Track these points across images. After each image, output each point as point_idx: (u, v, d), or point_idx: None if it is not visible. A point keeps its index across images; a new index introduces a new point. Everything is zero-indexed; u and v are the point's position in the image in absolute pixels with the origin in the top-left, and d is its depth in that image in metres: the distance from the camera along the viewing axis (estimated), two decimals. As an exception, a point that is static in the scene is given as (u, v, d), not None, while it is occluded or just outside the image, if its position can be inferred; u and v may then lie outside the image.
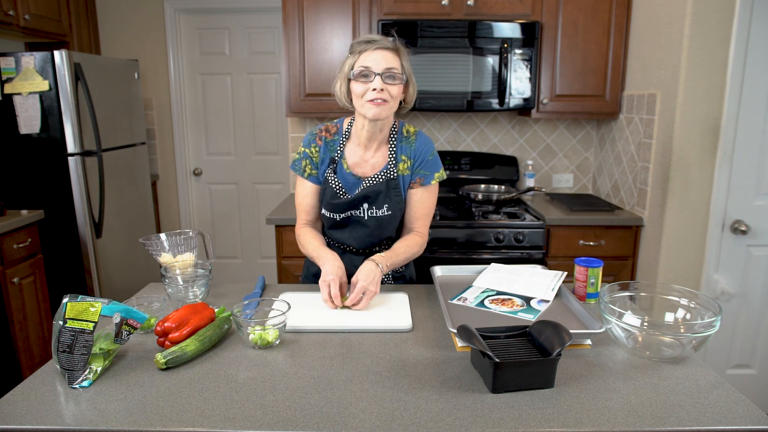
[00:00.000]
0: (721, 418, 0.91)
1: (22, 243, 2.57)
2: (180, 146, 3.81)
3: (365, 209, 1.55)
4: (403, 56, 1.48)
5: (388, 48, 1.45)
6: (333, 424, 0.89)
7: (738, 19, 2.10)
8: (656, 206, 2.38)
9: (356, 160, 1.58)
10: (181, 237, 1.57)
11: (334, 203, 1.55)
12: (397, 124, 1.60)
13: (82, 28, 3.42)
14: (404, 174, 1.57)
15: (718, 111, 2.19)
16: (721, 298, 2.33)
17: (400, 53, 1.48)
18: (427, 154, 1.57)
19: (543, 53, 2.66)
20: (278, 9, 3.54)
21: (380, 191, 1.53)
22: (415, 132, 1.60)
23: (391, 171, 1.55)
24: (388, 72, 1.43)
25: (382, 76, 1.42)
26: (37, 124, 2.67)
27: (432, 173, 1.58)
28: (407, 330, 1.26)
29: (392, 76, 1.44)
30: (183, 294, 1.41)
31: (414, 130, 1.60)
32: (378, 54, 1.43)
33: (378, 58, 1.43)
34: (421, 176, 1.57)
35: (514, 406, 0.94)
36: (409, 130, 1.60)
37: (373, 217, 1.56)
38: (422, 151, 1.57)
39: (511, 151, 3.12)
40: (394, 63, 1.45)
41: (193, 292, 1.42)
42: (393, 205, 1.55)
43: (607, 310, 1.16)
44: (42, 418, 0.91)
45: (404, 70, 1.48)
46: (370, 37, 1.47)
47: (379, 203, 1.54)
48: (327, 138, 1.60)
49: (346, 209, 1.56)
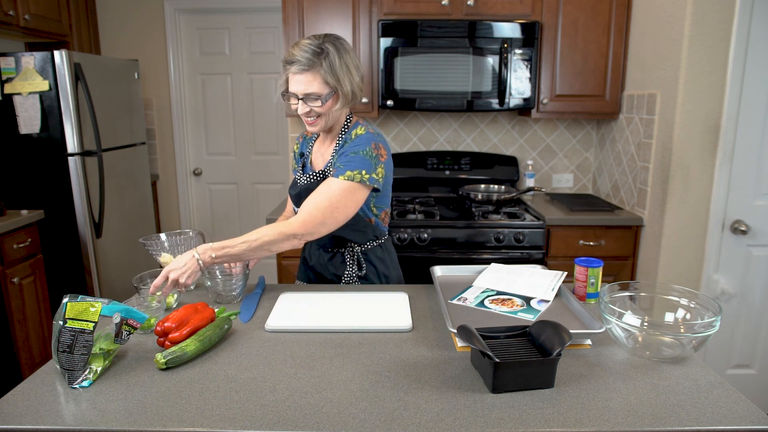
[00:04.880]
0: (721, 418, 0.91)
1: (22, 243, 2.57)
2: (180, 146, 3.81)
3: None
4: (325, 67, 1.41)
5: (303, 70, 1.40)
6: (333, 424, 0.89)
7: (738, 19, 2.10)
8: (656, 206, 2.38)
9: (316, 156, 1.65)
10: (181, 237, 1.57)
11: (291, 194, 1.65)
12: (352, 123, 1.58)
13: (82, 28, 3.42)
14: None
15: (718, 111, 2.19)
16: (721, 298, 2.33)
17: (321, 66, 1.40)
18: (351, 150, 1.48)
19: (543, 53, 2.66)
20: (278, 9, 3.54)
21: (311, 189, 1.52)
22: (361, 134, 1.51)
23: (329, 169, 1.55)
24: (309, 96, 1.43)
25: (304, 100, 1.44)
26: (37, 124, 2.67)
27: (345, 168, 1.44)
28: (407, 330, 1.26)
29: (314, 98, 1.43)
30: (221, 288, 1.42)
31: (363, 132, 1.52)
32: (296, 78, 1.42)
33: (297, 82, 1.42)
34: (335, 167, 1.48)
35: (514, 406, 0.94)
36: (358, 132, 1.52)
37: None
38: (351, 146, 1.49)
39: (511, 151, 3.12)
40: (312, 85, 1.41)
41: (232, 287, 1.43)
42: None
43: (607, 310, 1.16)
44: (42, 418, 0.91)
45: (328, 82, 1.42)
46: (290, 56, 1.41)
47: None
48: (307, 136, 1.72)
49: (296, 203, 1.62)
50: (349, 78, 1.46)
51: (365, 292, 1.49)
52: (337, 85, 1.44)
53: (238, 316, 1.34)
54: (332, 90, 1.44)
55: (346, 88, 1.46)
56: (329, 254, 1.66)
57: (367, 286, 1.58)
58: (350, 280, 1.64)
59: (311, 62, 1.40)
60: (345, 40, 1.49)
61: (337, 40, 1.46)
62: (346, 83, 1.45)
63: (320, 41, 1.43)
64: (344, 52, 1.45)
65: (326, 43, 1.43)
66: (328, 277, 1.67)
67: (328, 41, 1.44)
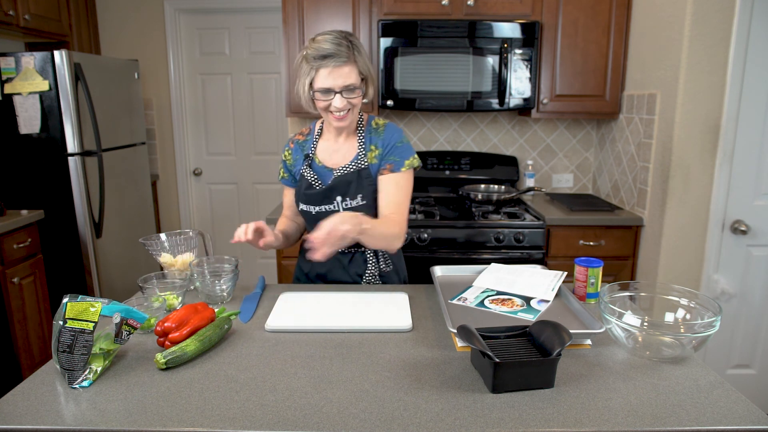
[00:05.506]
0: (721, 418, 0.91)
1: (22, 243, 2.57)
2: (180, 146, 3.81)
3: (339, 202, 1.56)
4: (358, 57, 1.45)
5: (343, 62, 1.42)
6: (333, 424, 0.89)
7: (738, 19, 2.10)
8: (656, 206, 2.38)
9: (327, 153, 1.62)
10: (181, 237, 1.57)
11: (308, 194, 1.58)
12: (365, 117, 1.61)
13: (82, 28, 3.42)
14: (374, 163, 1.57)
15: (718, 111, 2.19)
16: (721, 298, 2.33)
17: (355, 57, 1.45)
18: (395, 141, 1.57)
19: (543, 53, 2.66)
20: (278, 9, 3.54)
21: (351, 181, 1.54)
22: (384, 123, 1.60)
23: (361, 161, 1.56)
24: (347, 88, 1.44)
25: (341, 93, 1.44)
26: (37, 124, 2.67)
27: (402, 159, 1.55)
28: (407, 330, 1.26)
29: (351, 90, 1.45)
30: (210, 288, 1.41)
31: (383, 122, 1.60)
32: (335, 72, 1.42)
33: (336, 76, 1.42)
34: (390, 162, 1.55)
35: (514, 406, 0.94)
36: (378, 123, 1.60)
37: (347, 209, 1.55)
38: (390, 138, 1.57)
39: (511, 151, 3.12)
40: (351, 75, 1.44)
41: (220, 287, 1.42)
42: (367, 195, 1.55)
43: (607, 310, 1.16)
44: (42, 418, 0.91)
45: (362, 72, 1.47)
46: (323, 50, 1.41)
47: (352, 193, 1.54)
48: (300, 140, 1.67)
49: (320, 202, 1.57)
50: (372, 74, 1.52)
51: (365, 292, 1.49)
52: (368, 74, 1.49)
53: (238, 316, 1.34)
54: (363, 80, 1.49)
55: (373, 77, 1.53)
56: (348, 255, 1.64)
57: (367, 286, 1.58)
58: (371, 279, 1.64)
59: (348, 54, 1.43)
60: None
61: (350, 33, 1.50)
62: (372, 72, 1.52)
63: (344, 35, 1.46)
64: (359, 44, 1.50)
65: (349, 37, 1.47)
66: (348, 280, 1.65)
67: (347, 34, 1.47)
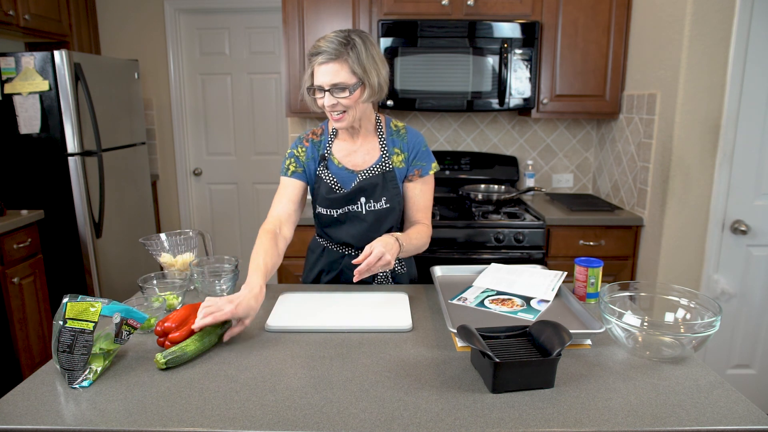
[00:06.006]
0: (721, 418, 0.91)
1: (22, 243, 2.57)
2: (180, 146, 3.81)
3: (362, 203, 1.54)
4: (352, 56, 1.39)
5: (331, 59, 1.38)
6: (333, 424, 0.89)
7: (738, 19, 2.10)
8: (656, 206, 2.38)
9: (345, 154, 1.58)
10: (181, 237, 1.57)
11: (330, 198, 1.54)
12: (382, 119, 1.61)
13: (82, 28, 3.42)
14: (399, 167, 1.57)
15: (718, 111, 2.19)
16: (721, 298, 2.32)
17: (349, 56, 1.39)
18: (421, 146, 1.60)
19: (543, 53, 2.66)
20: (278, 9, 3.54)
21: (377, 183, 1.53)
22: (404, 126, 1.61)
23: (386, 163, 1.55)
24: (336, 86, 1.40)
25: (330, 91, 1.41)
26: (37, 124, 2.67)
27: (428, 164, 1.60)
28: (407, 330, 1.26)
29: (341, 89, 1.41)
30: (210, 288, 1.41)
31: (402, 125, 1.62)
32: (323, 69, 1.40)
33: (324, 73, 1.40)
34: (418, 168, 1.58)
35: (514, 406, 0.94)
36: (398, 125, 1.61)
37: (371, 211, 1.55)
38: (415, 142, 1.59)
39: (511, 151, 3.12)
40: (340, 74, 1.39)
41: (220, 287, 1.42)
42: (391, 198, 1.55)
43: (607, 310, 1.16)
44: (42, 418, 0.91)
45: (355, 72, 1.40)
46: (317, 47, 1.40)
47: (377, 196, 1.54)
48: (314, 139, 1.61)
49: (343, 204, 1.55)
50: (376, 69, 1.44)
51: (365, 292, 1.49)
52: (363, 75, 1.41)
53: (238, 316, 1.34)
54: (359, 81, 1.42)
55: (373, 79, 1.43)
56: None
57: (367, 286, 1.58)
58: (384, 280, 1.64)
59: (338, 51, 1.38)
60: (370, 34, 1.50)
61: (363, 32, 1.46)
62: (373, 74, 1.43)
63: (346, 33, 1.43)
64: (370, 44, 1.44)
65: (353, 35, 1.42)
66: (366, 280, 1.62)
67: (354, 33, 1.44)
